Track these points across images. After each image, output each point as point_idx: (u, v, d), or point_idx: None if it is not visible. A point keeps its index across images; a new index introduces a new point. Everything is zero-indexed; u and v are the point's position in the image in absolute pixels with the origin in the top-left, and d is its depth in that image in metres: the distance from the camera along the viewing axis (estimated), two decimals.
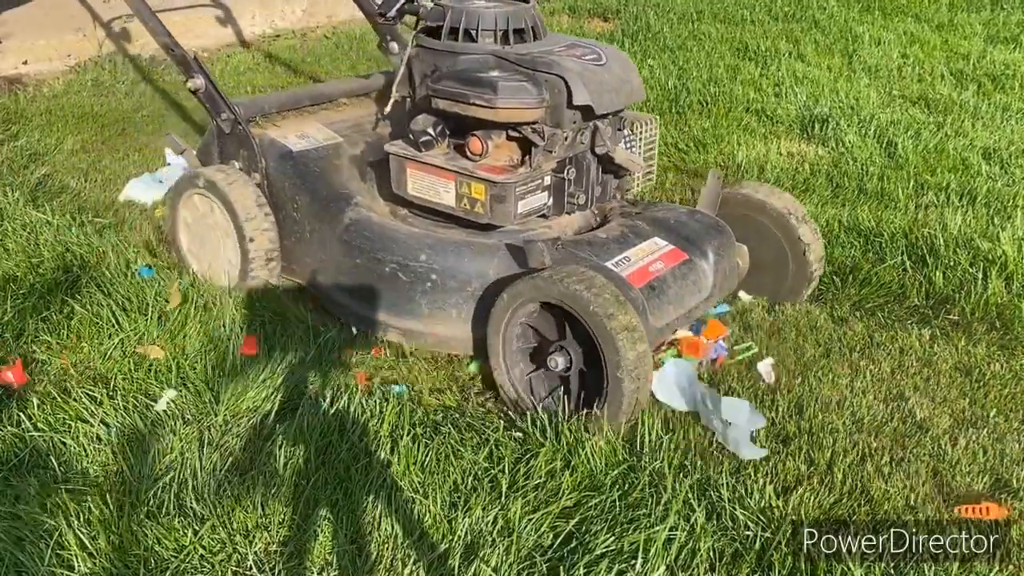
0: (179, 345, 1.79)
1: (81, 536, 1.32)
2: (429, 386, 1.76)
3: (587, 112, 1.74)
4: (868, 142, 2.92)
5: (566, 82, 1.70)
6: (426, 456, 1.51)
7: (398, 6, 1.89)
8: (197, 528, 1.35)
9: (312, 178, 2.03)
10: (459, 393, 1.75)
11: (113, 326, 1.82)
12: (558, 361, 1.60)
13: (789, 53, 3.97)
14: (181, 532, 1.35)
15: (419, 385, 1.76)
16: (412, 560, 1.31)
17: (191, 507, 1.39)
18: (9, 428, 1.56)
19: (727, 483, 1.43)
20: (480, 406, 1.71)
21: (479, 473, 1.48)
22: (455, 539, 1.35)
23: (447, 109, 1.75)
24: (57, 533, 1.32)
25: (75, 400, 1.62)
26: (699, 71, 3.67)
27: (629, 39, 4.18)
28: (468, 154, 1.77)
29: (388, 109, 1.97)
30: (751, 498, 1.41)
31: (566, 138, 1.76)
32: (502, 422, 1.62)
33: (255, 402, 1.65)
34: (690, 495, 1.41)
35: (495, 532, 1.35)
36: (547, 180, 1.81)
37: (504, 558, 1.30)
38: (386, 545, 1.34)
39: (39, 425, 1.57)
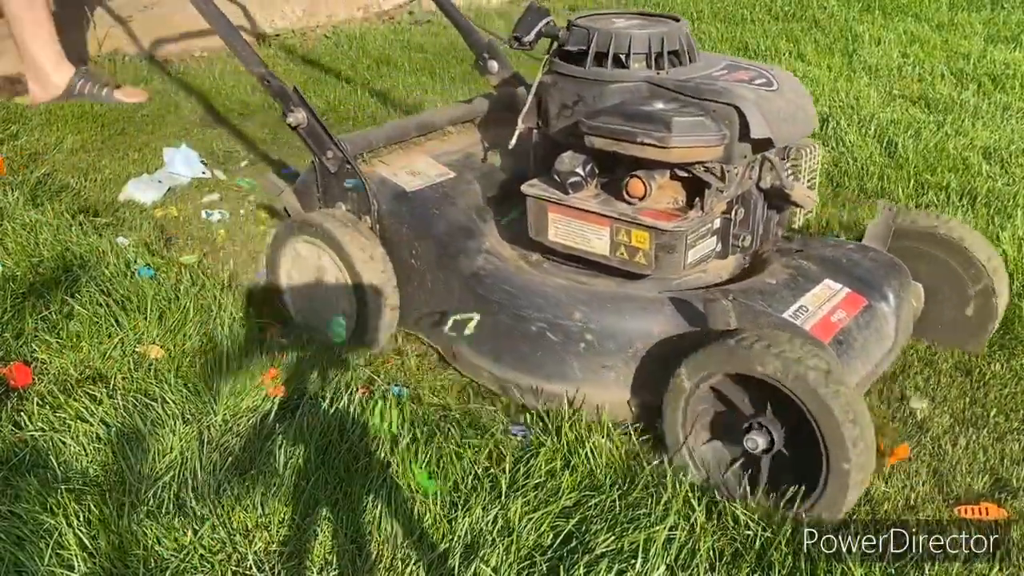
0: (179, 344, 1.79)
1: (81, 536, 1.32)
2: (429, 386, 1.76)
3: (758, 144, 1.55)
4: (868, 141, 2.92)
5: (741, 112, 1.49)
6: (426, 456, 1.51)
7: (538, 28, 1.68)
8: (197, 528, 1.35)
9: (432, 221, 1.82)
10: (460, 393, 1.75)
11: (113, 326, 1.82)
12: (758, 442, 1.37)
13: (789, 52, 3.97)
14: (181, 532, 1.35)
15: (420, 385, 1.76)
16: (412, 560, 1.31)
17: (191, 507, 1.39)
18: (9, 428, 1.56)
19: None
20: (481, 406, 1.70)
21: (479, 473, 1.48)
22: (455, 539, 1.35)
23: (604, 148, 1.54)
24: (57, 533, 1.32)
25: (75, 400, 1.62)
26: None
27: None
28: (626, 196, 1.57)
29: (513, 142, 1.75)
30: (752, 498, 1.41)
31: (738, 175, 1.56)
32: (502, 422, 1.62)
33: (255, 402, 1.65)
34: (690, 495, 1.41)
35: (495, 532, 1.35)
36: (716, 223, 1.62)
37: (504, 558, 1.30)
38: (386, 545, 1.34)
39: (39, 425, 1.57)
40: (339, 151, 1.83)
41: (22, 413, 1.60)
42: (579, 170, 1.60)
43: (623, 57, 1.60)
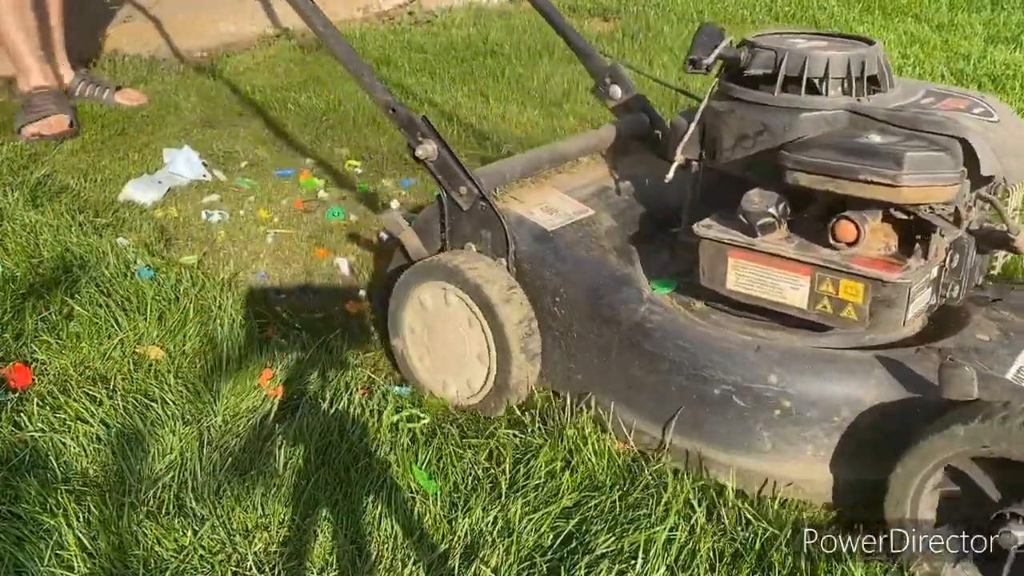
0: (179, 345, 1.79)
1: (81, 536, 1.32)
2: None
3: (979, 182, 1.37)
4: None
5: (968, 147, 1.32)
6: (426, 456, 1.51)
7: (718, 51, 1.47)
8: (197, 528, 1.35)
9: (580, 264, 1.64)
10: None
11: (113, 326, 1.82)
12: (1016, 536, 1.16)
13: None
14: (181, 532, 1.35)
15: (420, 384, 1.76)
16: (412, 560, 1.31)
17: (191, 507, 1.39)
18: (9, 428, 1.56)
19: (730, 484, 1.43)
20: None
21: (479, 473, 1.48)
22: (455, 539, 1.35)
23: (812, 185, 1.35)
24: (57, 533, 1.32)
25: (75, 400, 1.62)
26: None
27: (629, 39, 4.19)
28: (832, 241, 1.36)
29: (671, 175, 1.56)
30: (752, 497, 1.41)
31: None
32: (503, 422, 1.62)
33: (255, 402, 1.65)
34: (691, 496, 1.41)
35: (495, 532, 1.35)
36: (933, 272, 1.42)
37: (504, 558, 1.30)
38: (386, 545, 1.34)
39: (39, 425, 1.57)
40: (474, 187, 1.66)
41: (22, 413, 1.60)
42: (772, 210, 1.40)
43: (818, 82, 1.43)
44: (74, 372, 1.72)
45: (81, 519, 1.35)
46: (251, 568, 1.30)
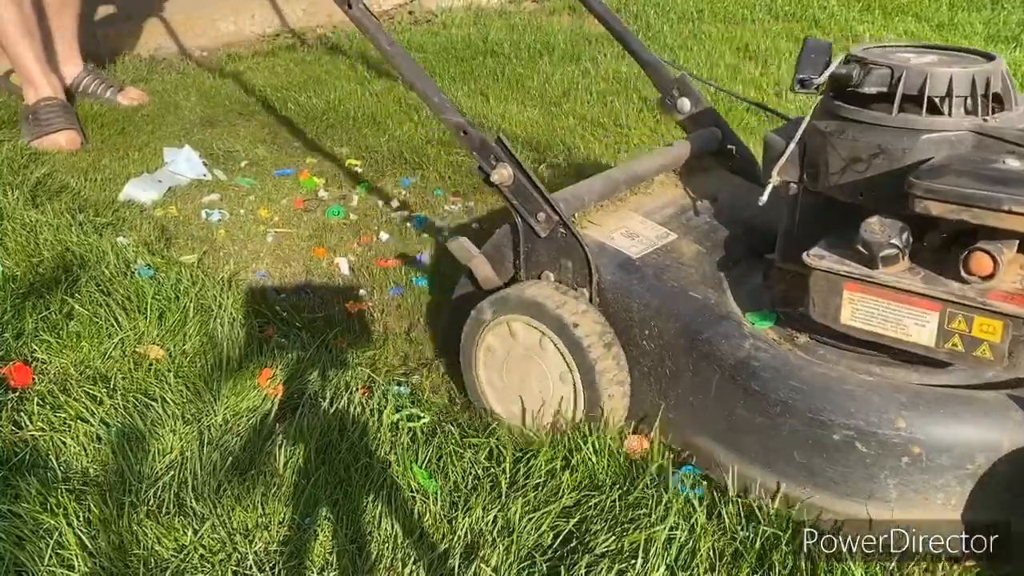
0: (179, 344, 1.79)
1: (81, 536, 1.32)
2: (430, 385, 1.76)
3: None
4: None
5: None
6: (426, 456, 1.51)
7: (831, 68, 1.39)
8: (197, 528, 1.35)
9: (671, 295, 1.52)
10: (460, 392, 1.75)
11: (113, 326, 1.82)
12: None
13: (790, 53, 3.97)
14: (181, 532, 1.35)
15: (420, 384, 1.76)
16: (412, 560, 1.31)
17: (191, 507, 1.39)
18: (9, 428, 1.56)
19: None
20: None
21: (479, 473, 1.48)
22: (455, 539, 1.35)
23: (946, 215, 1.24)
24: (57, 533, 1.32)
25: (75, 400, 1.62)
26: (699, 71, 3.67)
27: None
28: (964, 274, 1.26)
29: (764, 198, 1.44)
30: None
31: None
32: (503, 422, 1.62)
33: (255, 402, 1.65)
34: (691, 495, 1.41)
35: (495, 532, 1.36)
36: None
37: (504, 558, 1.30)
38: (386, 545, 1.34)
39: (40, 425, 1.57)
40: (554, 212, 1.55)
41: (22, 413, 1.60)
42: (895, 240, 1.29)
43: (939, 101, 1.34)
44: (74, 371, 1.72)
45: (81, 519, 1.35)
46: (251, 568, 1.30)
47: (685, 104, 1.91)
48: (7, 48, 2.98)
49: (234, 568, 1.31)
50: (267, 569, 1.30)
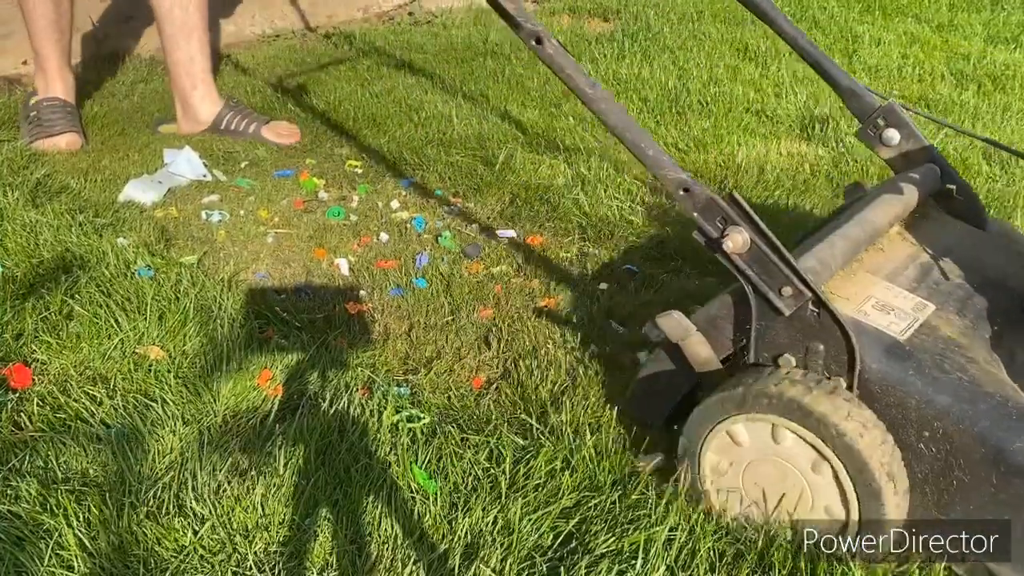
0: (179, 345, 1.79)
1: (81, 536, 1.32)
2: (430, 385, 1.76)
3: None
4: None
5: None
6: (426, 456, 1.51)
7: None
8: (197, 528, 1.35)
9: (958, 392, 1.26)
10: (460, 392, 1.75)
11: (113, 326, 1.82)
12: None
13: (789, 53, 3.97)
14: (181, 532, 1.35)
15: (420, 384, 1.76)
16: (412, 560, 1.31)
17: (191, 507, 1.39)
18: (9, 428, 1.56)
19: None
20: (480, 406, 1.71)
21: (479, 473, 1.48)
22: (455, 539, 1.35)
23: None
24: (57, 533, 1.32)
25: (75, 400, 1.62)
26: (699, 71, 3.68)
27: (629, 39, 4.19)
28: None
29: None
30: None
31: None
32: (504, 422, 1.62)
33: (255, 403, 1.65)
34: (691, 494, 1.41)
35: (495, 532, 1.36)
36: None
37: (504, 558, 1.30)
38: (386, 545, 1.35)
39: (40, 425, 1.57)
40: (806, 288, 1.28)
41: (22, 413, 1.60)
42: None
43: None
44: (74, 372, 1.72)
45: (81, 519, 1.35)
46: (251, 568, 1.30)
47: (893, 136, 1.66)
48: (31, 35, 2.88)
49: (234, 568, 1.31)
50: (267, 569, 1.30)
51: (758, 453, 1.34)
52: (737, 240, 1.29)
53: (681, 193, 1.34)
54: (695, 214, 1.33)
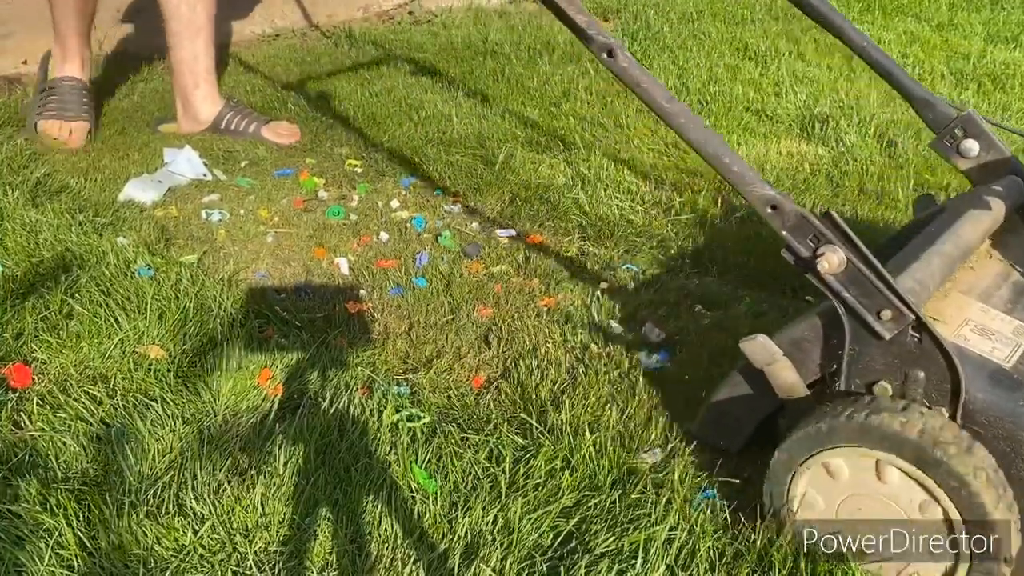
0: (179, 344, 1.79)
1: (81, 536, 1.32)
2: (430, 385, 1.76)
3: None
4: (868, 142, 2.92)
5: None
6: (426, 456, 1.51)
7: None
8: (197, 528, 1.35)
9: None
10: (460, 392, 1.75)
11: (113, 326, 1.82)
12: None
13: (789, 53, 3.97)
14: (181, 532, 1.35)
15: (420, 384, 1.76)
16: (412, 560, 1.31)
17: (191, 507, 1.39)
18: (9, 428, 1.56)
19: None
20: (480, 405, 1.71)
21: (479, 473, 1.48)
22: (455, 539, 1.35)
23: None
24: (57, 533, 1.32)
25: (75, 400, 1.62)
26: (699, 71, 3.68)
27: (629, 39, 4.19)
28: None
29: None
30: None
31: None
32: (504, 422, 1.62)
33: (255, 402, 1.65)
34: (691, 495, 1.41)
35: (495, 532, 1.36)
36: None
37: (504, 558, 1.30)
38: (386, 544, 1.35)
39: (40, 425, 1.57)
40: (908, 310, 1.20)
41: (22, 413, 1.60)
42: None
43: None
44: (74, 372, 1.72)
45: (81, 519, 1.36)
46: (251, 567, 1.30)
47: (972, 147, 1.61)
48: (52, 8, 2.79)
49: (234, 568, 1.31)
50: (267, 569, 1.30)
51: (857, 489, 1.25)
52: (832, 260, 1.21)
53: (769, 211, 1.27)
54: (784, 232, 1.26)
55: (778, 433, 1.35)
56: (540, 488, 1.44)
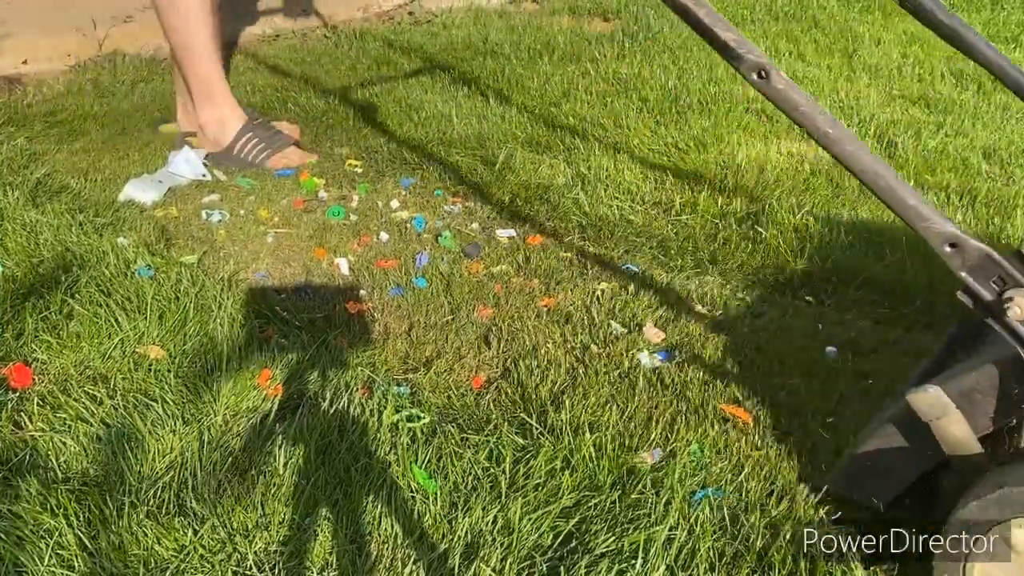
0: (179, 345, 1.79)
1: (81, 536, 1.32)
2: (430, 385, 1.76)
3: None
4: (868, 141, 2.92)
5: None
6: (426, 456, 1.51)
7: None
8: (197, 528, 1.35)
9: None
10: (460, 392, 1.75)
11: (113, 326, 1.82)
12: None
13: (789, 53, 3.98)
14: (181, 532, 1.35)
15: (421, 384, 1.76)
16: (412, 560, 1.31)
17: (191, 507, 1.39)
18: (9, 428, 1.56)
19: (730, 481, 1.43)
20: (480, 405, 1.71)
21: (479, 473, 1.48)
22: (455, 539, 1.35)
23: None
24: (57, 533, 1.32)
25: (75, 400, 1.62)
26: (699, 71, 3.67)
27: (629, 39, 4.18)
28: None
29: None
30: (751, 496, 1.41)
31: None
32: (504, 422, 1.62)
33: (255, 402, 1.65)
34: (690, 494, 1.41)
35: (495, 532, 1.36)
36: None
37: (504, 558, 1.30)
38: (386, 545, 1.35)
39: (40, 425, 1.57)
40: None
41: (22, 413, 1.60)
42: None
43: None
44: (74, 372, 1.72)
45: (81, 519, 1.35)
46: (251, 568, 1.30)
47: None
48: (193, 57, 2.67)
49: (234, 568, 1.31)
50: (267, 569, 1.30)
51: None
52: (1023, 303, 1.09)
53: (947, 249, 1.15)
54: (963, 273, 1.15)
55: (938, 491, 1.25)
56: (540, 488, 1.44)
